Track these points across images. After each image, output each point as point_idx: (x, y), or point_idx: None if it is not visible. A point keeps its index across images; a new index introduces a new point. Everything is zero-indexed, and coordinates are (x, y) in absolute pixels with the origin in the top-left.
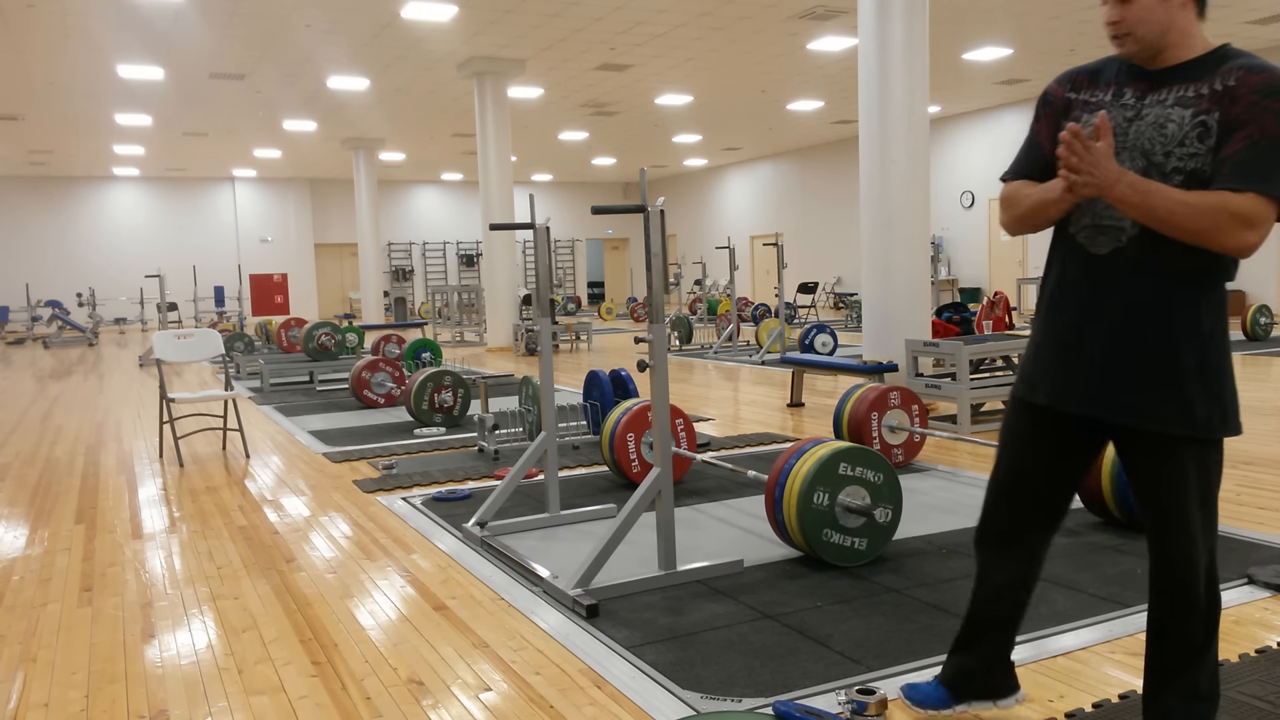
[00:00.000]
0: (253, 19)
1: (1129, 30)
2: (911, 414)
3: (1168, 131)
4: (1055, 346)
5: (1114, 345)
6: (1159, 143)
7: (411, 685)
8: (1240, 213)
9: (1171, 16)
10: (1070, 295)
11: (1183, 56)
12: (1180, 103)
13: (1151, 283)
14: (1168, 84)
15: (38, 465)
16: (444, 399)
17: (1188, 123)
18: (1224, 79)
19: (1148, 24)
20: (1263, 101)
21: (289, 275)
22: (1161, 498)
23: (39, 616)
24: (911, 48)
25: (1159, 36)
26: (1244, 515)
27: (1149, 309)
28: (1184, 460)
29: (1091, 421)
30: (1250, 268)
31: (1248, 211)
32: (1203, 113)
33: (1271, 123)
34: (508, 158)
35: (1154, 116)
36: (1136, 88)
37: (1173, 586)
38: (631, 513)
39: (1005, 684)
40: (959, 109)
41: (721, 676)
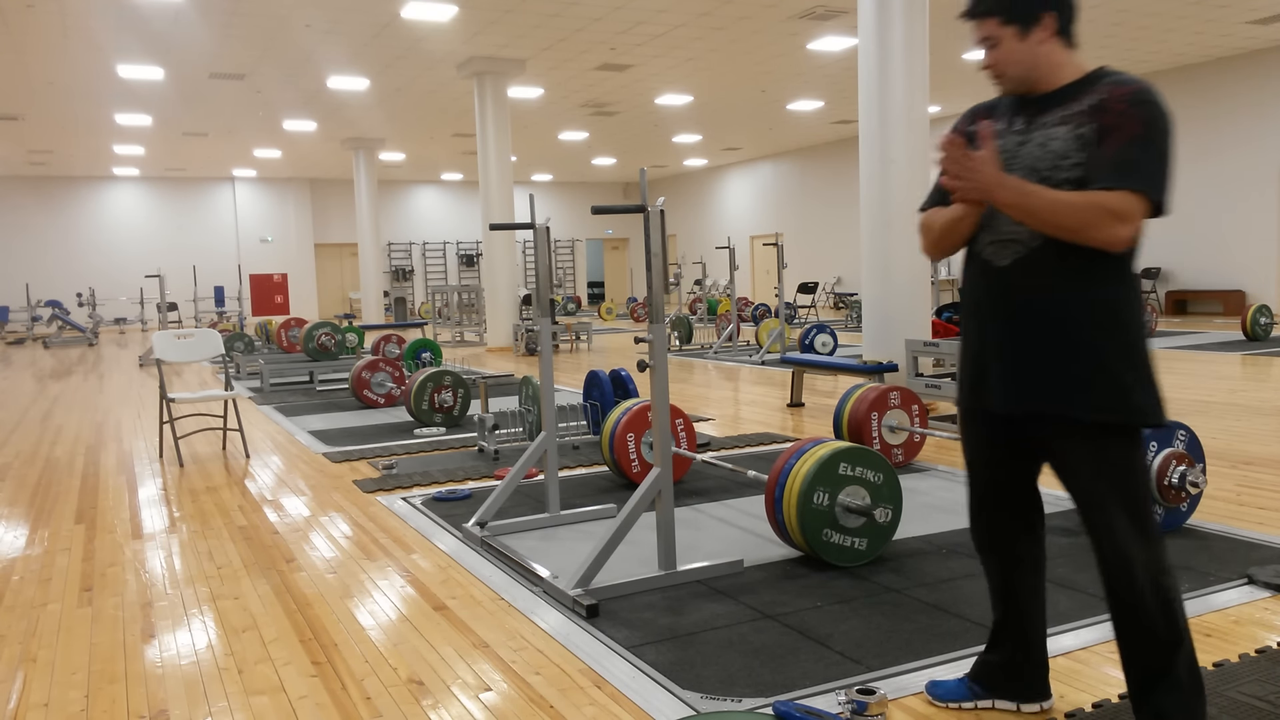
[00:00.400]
0: (253, 19)
1: (1001, 71)
2: (911, 414)
3: (1053, 148)
4: (983, 355)
5: (1028, 348)
6: (1046, 159)
7: (411, 685)
8: (1113, 209)
9: (1034, 53)
10: (985, 306)
11: (1058, 82)
12: (1062, 122)
13: (1053, 287)
14: (1050, 108)
15: (38, 465)
16: (444, 399)
17: (1069, 138)
18: (1097, 95)
19: (1015, 64)
20: (1130, 110)
21: (289, 275)
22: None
23: (39, 616)
24: (911, 48)
25: (1028, 71)
26: (1244, 515)
27: (1055, 311)
28: (1111, 450)
29: (1031, 420)
30: (1250, 268)
31: (1120, 207)
32: (1080, 126)
33: (1138, 126)
34: (508, 158)
35: (1040, 137)
36: (1025, 115)
37: (1116, 584)
38: (631, 513)
39: (1034, 688)
40: (959, 109)
41: (721, 676)
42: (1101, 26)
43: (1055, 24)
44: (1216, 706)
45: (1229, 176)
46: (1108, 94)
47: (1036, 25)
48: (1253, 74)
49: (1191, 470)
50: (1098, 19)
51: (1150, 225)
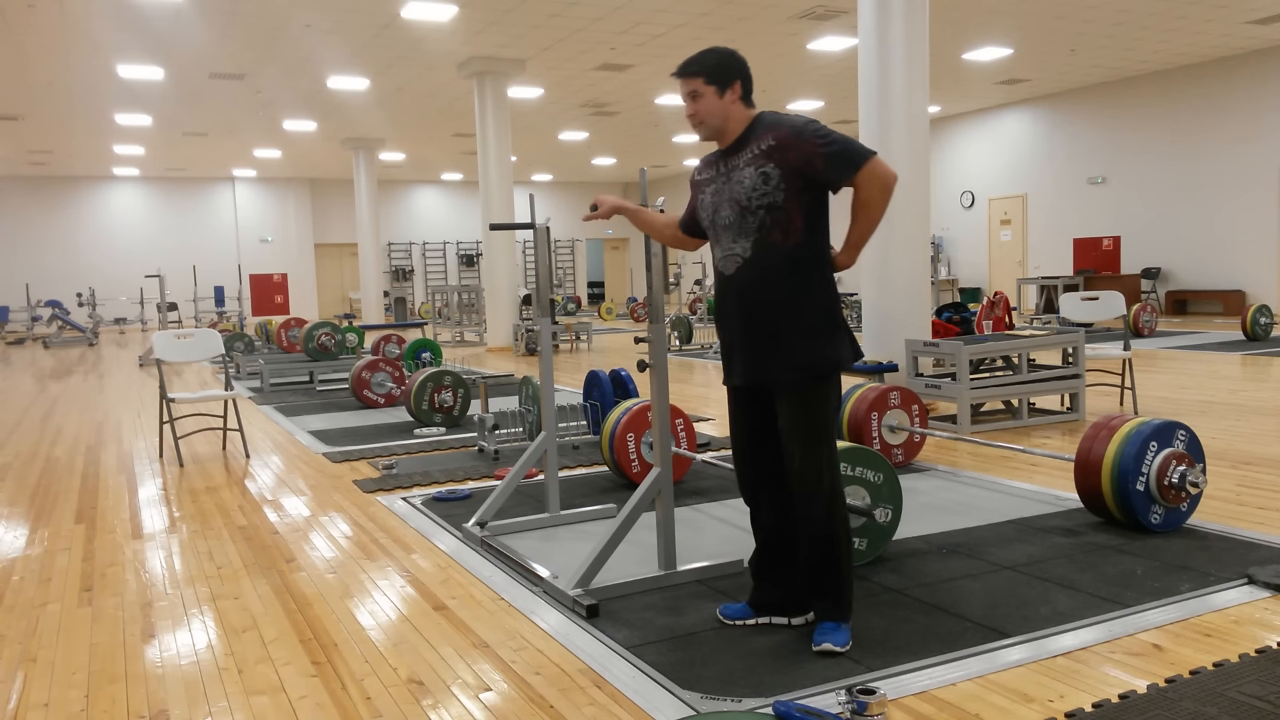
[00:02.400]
0: (253, 19)
1: (701, 120)
2: (911, 414)
3: (745, 185)
4: (728, 340)
5: (751, 331)
6: (742, 193)
7: (411, 685)
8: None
9: (726, 109)
10: (721, 304)
11: (738, 132)
12: (747, 164)
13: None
14: (736, 153)
15: (38, 465)
16: (444, 399)
17: (754, 176)
18: (763, 141)
19: (712, 114)
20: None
21: (289, 275)
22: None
23: (39, 616)
24: (911, 48)
25: (721, 122)
26: (1244, 515)
27: (763, 304)
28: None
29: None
30: (1250, 268)
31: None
32: (762, 167)
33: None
34: (508, 158)
35: (736, 177)
36: (724, 161)
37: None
38: (631, 513)
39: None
40: (959, 109)
41: (721, 676)
42: (1102, 27)
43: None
44: (1216, 706)
45: (1229, 176)
46: (775, 139)
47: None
48: (1253, 74)
49: (1191, 470)
50: (1098, 19)
51: (1150, 225)
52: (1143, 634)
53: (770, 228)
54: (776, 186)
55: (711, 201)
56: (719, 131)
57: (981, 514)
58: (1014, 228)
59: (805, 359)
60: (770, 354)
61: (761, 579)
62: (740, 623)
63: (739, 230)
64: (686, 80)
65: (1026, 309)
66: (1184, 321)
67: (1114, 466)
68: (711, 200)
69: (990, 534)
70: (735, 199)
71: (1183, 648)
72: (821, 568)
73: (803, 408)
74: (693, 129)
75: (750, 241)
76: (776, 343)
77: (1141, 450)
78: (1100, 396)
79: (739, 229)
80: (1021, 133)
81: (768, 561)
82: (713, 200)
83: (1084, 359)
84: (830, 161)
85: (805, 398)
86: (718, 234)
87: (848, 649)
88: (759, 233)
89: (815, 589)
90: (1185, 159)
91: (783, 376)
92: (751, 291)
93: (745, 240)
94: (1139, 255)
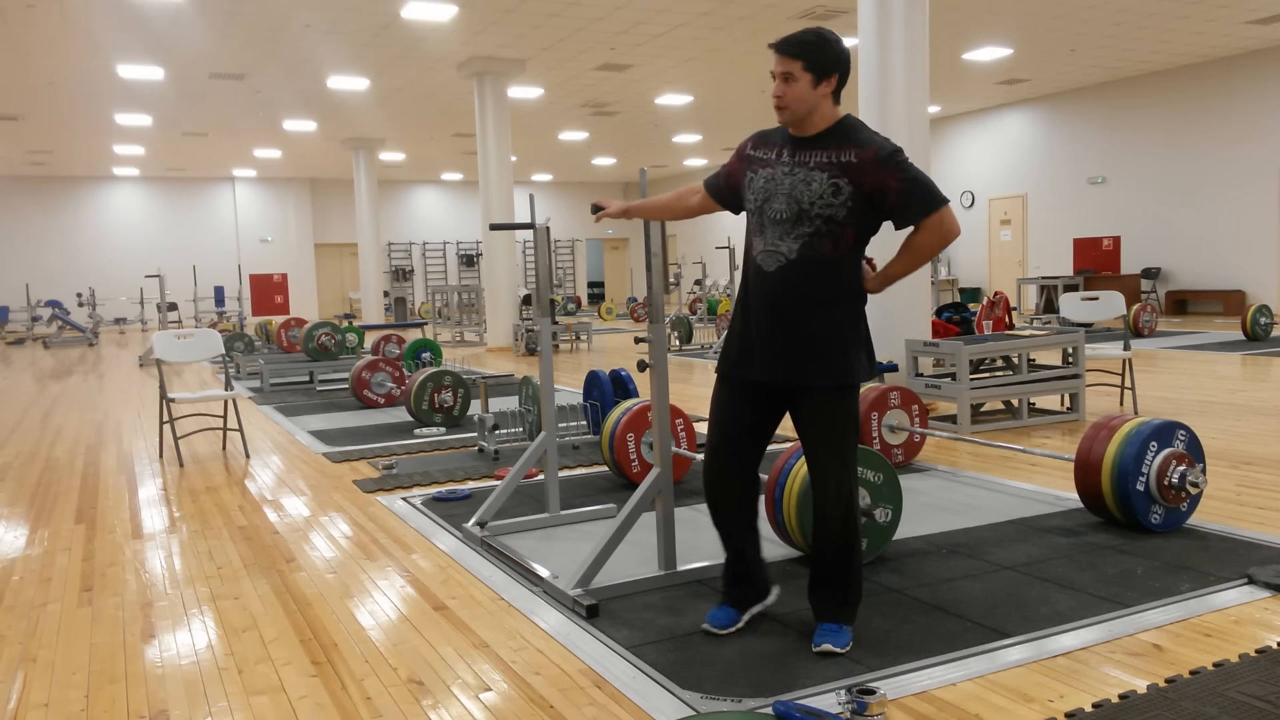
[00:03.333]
0: (253, 19)
1: (787, 105)
2: (911, 414)
3: (813, 188)
4: (750, 334)
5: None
6: (807, 195)
7: (411, 685)
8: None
9: (817, 101)
10: (751, 298)
11: (820, 128)
12: (820, 167)
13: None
14: (810, 149)
15: (38, 465)
16: (444, 399)
17: (825, 184)
18: (844, 152)
19: (801, 103)
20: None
21: (289, 275)
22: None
23: (39, 616)
24: (911, 48)
25: (807, 113)
26: (1244, 515)
27: (800, 308)
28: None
29: (780, 386)
30: (1250, 268)
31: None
32: (835, 179)
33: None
34: (508, 158)
35: (804, 175)
36: (792, 151)
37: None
38: (631, 513)
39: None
40: (959, 109)
41: (721, 676)
42: (1101, 27)
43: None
44: (1216, 706)
45: (1229, 177)
46: (856, 157)
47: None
48: (1253, 74)
49: (1191, 470)
50: (1098, 19)
51: (1150, 225)
52: (1143, 634)
53: (823, 237)
54: (844, 203)
55: (764, 187)
56: (801, 121)
57: (981, 514)
58: (1014, 228)
59: (841, 366)
60: (808, 357)
61: (737, 582)
62: (731, 630)
63: (789, 230)
64: (785, 59)
65: (1026, 309)
66: (1184, 321)
67: (1114, 466)
68: (765, 186)
69: (990, 534)
70: (796, 197)
71: (1183, 648)
72: (833, 570)
73: (833, 413)
74: (778, 113)
75: (799, 245)
76: (813, 348)
77: (1141, 450)
78: (1100, 396)
79: (790, 228)
80: (1021, 133)
81: (743, 566)
82: (765, 186)
83: (1084, 359)
84: (903, 200)
85: (836, 403)
86: (763, 224)
87: (848, 650)
88: (810, 239)
89: (822, 590)
90: (1185, 159)
91: (819, 381)
92: (789, 294)
93: (793, 241)
94: (1139, 255)
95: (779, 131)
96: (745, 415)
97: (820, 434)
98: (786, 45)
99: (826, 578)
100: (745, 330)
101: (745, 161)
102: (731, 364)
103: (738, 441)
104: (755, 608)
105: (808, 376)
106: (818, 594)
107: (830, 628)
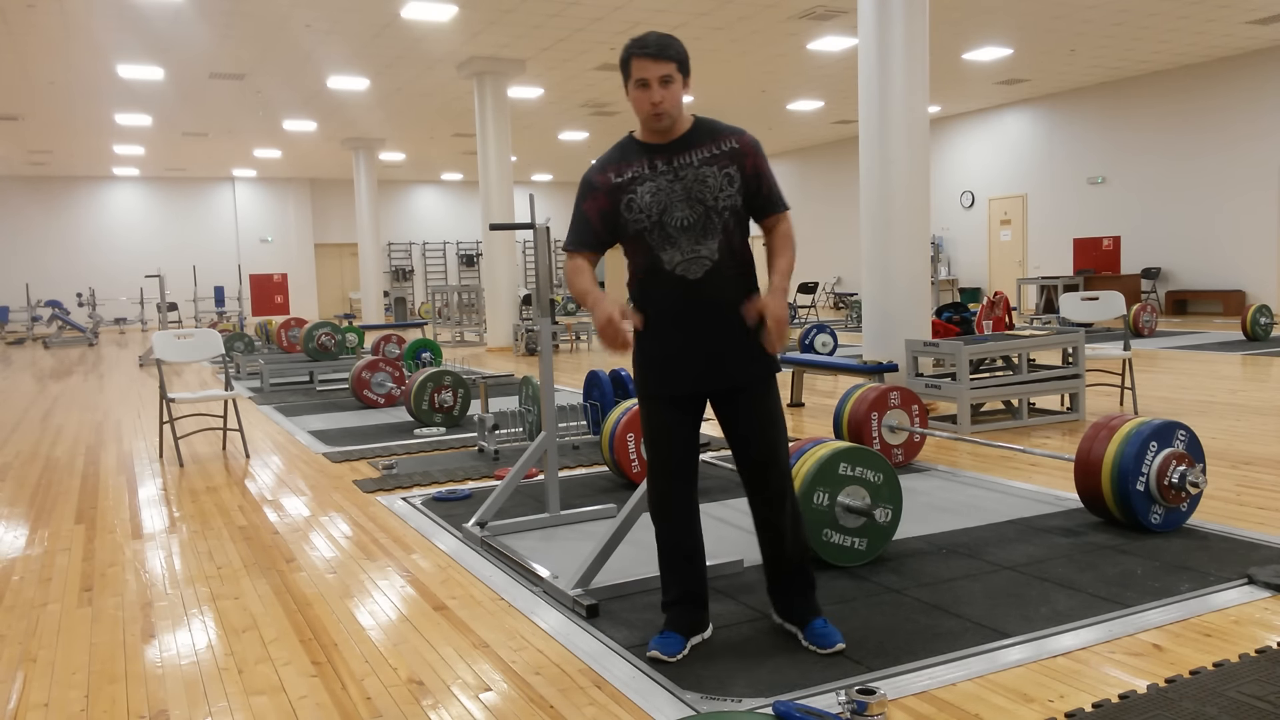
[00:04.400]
0: (253, 19)
1: (667, 110)
2: (911, 414)
3: (710, 184)
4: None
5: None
6: (708, 192)
7: (411, 685)
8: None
9: (681, 104)
10: (679, 310)
11: (684, 129)
12: (705, 163)
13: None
14: (683, 150)
15: (38, 465)
16: (444, 399)
17: (719, 176)
18: (724, 141)
19: (677, 106)
20: (758, 154)
21: (289, 275)
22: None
23: (39, 616)
24: (911, 48)
25: (678, 115)
26: (1244, 515)
27: (734, 307)
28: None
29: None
30: (1250, 268)
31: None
32: (726, 168)
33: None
34: (508, 158)
35: (694, 175)
36: (665, 158)
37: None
38: (631, 513)
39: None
40: (959, 109)
41: (721, 676)
42: (1101, 27)
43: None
44: (1216, 706)
45: (1229, 176)
46: (738, 143)
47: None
48: (1253, 74)
49: (1191, 470)
50: (1097, 19)
51: (1150, 225)
52: (1143, 634)
53: (734, 230)
54: (738, 190)
55: (654, 200)
56: (671, 126)
57: (981, 514)
58: (1014, 228)
59: (770, 354)
60: (748, 356)
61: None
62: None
63: (703, 232)
64: (665, 63)
65: (1026, 309)
66: (1184, 321)
67: (1114, 466)
68: (654, 199)
69: (990, 534)
70: (698, 198)
71: (1183, 648)
72: (804, 561)
73: (771, 404)
74: (654, 120)
75: (717, 244)
76: (746, 343)
77: (1141, 450)
78: (1100, 396)
79: (703, 230)
80: (1021, 133)
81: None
82: (655, 199)
83: (1084, 359)
84: (770, 186)
85: (771, 393)
86: (668, 236)
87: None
88: (724, 234)
89: (797, 582)
90: (1185, 159)
91: (756, 373)
92: (724, 295)
93: (711, 242)
94: (1139, 255)
95: (628, 149)
96: (684, 431)
97: (762, 426)
98: (661, 48)
99: (799, 569)
100: (667, 345)
101: (615, 191)
102: (657, 384)
103: (683, 462)
104: (696, 639)
105: (750, 374)
106: (792, 589)
107: (823, 624)
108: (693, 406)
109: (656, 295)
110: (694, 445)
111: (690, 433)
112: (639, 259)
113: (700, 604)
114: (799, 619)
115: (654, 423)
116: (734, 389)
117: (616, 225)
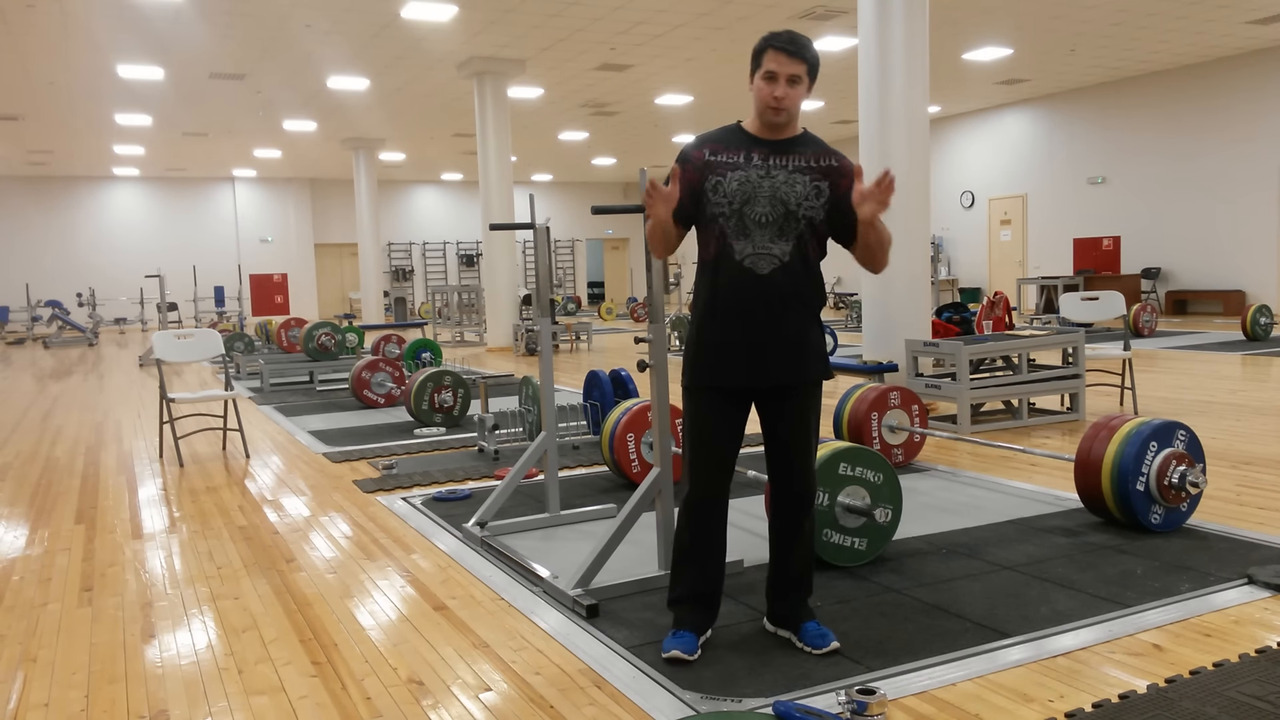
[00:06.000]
0: (253, 19)
1: (787, 108)
2: (911, 414)
3: (797, 190)
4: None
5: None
6: (793, 196)
7: (411, 685)
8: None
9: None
10: (743, 302)
11: (794, 133)
12: (800, 170)
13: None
14: (786, 152)
15: (38, 465)
16: (444, 399)
17: (808, 186)
18: (825, 157)
19: (797, 107)
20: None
21: (289, 275)
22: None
23: (39, 616)
24: (911, 48)
25: (794, 117)
26: (1244, 515)
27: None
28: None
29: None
30: (1250, 268)
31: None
32: (818, 182)
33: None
34: (508, 158)
35: (785, 177)
36: (765, 154)
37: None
38: (631, 513)
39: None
40: (959, 109)
41: (721, 676)
42: (1101, 27)
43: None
44: (1216, 706)
45: (1229, 176)
46: (838, 162)
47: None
48: (1253, 74)
49: (1191, 470)
50: (1097, 19)
51: (1150, 225)
52: (1143, 634)
53: (809, 239)
54: (822, 205)
55: (739, 190)
56: (785, 125)
57: (981, 514)
58: (1014, 228)
59: (825, 362)
60: (803, 356)
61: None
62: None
63: (779, 232)
64: (796, 62)
65: (1026, 309)
66: (1184, 321)
67: (1114, 466)
68: (739, 189)
69: (990, 534)
70: (781, 199)
71: (1183, 648)
72: (809, 566)
73: (814, 407)
74: (771, 113)
75: (791, 247)
76: (807, 346)
77: (1141, 450)
78: (1100, 396)
79: (779, 230)
80: (1021, 133)
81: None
82: (741, 189)
83: (1084, 359)
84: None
85: (816, 397)
86: (745, 227)
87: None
88: (798, 240)
89: (800, 588)
90: (1185, 159)
91: (812, 377)
92: (789, 297)
93: (785, 244)
94: (1139, 255)
95: (733, 134)
96: (730, 426)
97: (802, 429)
98: (798, 48)
99: (802, 574)
100: (724, 336)
101: (706, 168)
102: (707, 375)
103: (726, 458)
104: (702, 637)
105: (803, 373)
106: (792, 594)
107: (816, 625)
108: (741, 402)
109: (721, 283)
110: (737, 442)
111: (736, 429)
112: (711, 245)
113: (713, 604)
114: (793, 623)
115: (699, 415)
116: (784, 389)
117: (699, 203)
